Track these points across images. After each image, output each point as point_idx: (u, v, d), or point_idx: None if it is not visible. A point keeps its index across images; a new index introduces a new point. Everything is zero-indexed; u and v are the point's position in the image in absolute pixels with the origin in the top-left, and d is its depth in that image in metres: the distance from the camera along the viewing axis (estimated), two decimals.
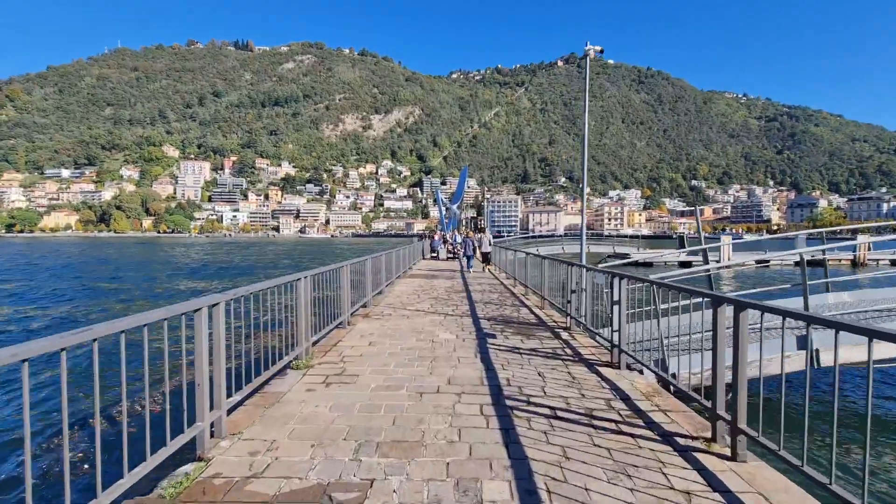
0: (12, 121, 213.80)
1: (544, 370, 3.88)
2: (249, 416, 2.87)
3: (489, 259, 15.29)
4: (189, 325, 2.34)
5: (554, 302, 6.52)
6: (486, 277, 12.43)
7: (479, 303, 7.70)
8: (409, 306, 7.33)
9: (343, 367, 3.97)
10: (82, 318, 12.30)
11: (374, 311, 6.82)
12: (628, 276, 3.88)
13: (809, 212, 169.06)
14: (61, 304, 14.54)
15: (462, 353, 4.41)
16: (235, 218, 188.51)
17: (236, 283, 18.92)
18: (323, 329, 4.80)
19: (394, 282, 10.30)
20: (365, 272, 6.83)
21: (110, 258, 38.07)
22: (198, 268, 28.21)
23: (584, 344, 4.88)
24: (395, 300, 8.00)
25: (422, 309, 7.03)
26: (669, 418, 2.88)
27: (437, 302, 7.77)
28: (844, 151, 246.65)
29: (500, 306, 7.32)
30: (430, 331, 5.45)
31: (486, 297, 8.36)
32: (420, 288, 9.79)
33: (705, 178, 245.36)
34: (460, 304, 7.60)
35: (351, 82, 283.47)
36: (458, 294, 8.80)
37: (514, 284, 10.44)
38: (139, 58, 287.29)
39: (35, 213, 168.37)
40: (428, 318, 6.29)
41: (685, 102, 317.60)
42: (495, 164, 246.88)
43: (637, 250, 23.63)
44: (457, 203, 34.79)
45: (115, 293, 16.88)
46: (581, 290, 5.40)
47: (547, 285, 6.90)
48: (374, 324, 5.88)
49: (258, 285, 3.20)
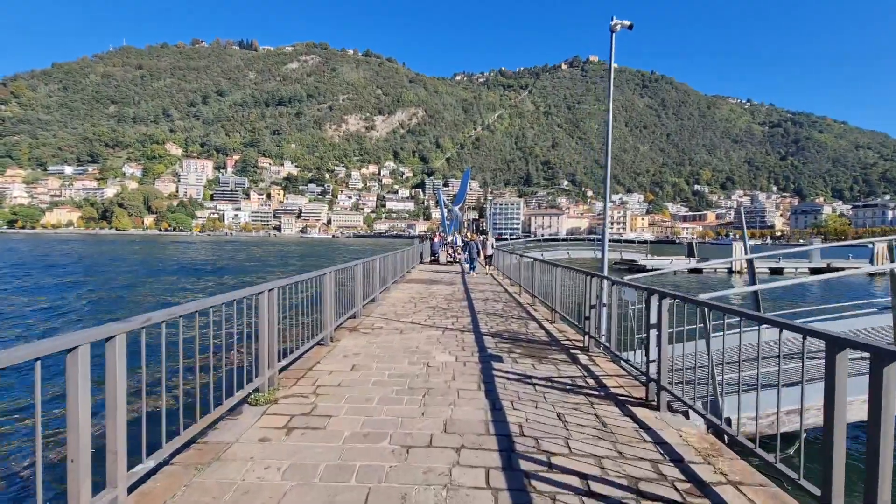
0: (16, 117, 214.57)
1: (565, 410, 3.11)
2: (170, 486, 2.07)
3: (491, 261, 15.55)
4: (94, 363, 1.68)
5: (567, 316, 5.76)
6: (489, 283, 11.67)
7: (482, 314, 6.94)
8: (403, 317, 6.57)
9: (314, 402, 3.20)
10: None
11: (364, 324, 6.06)
12: (671, 293, 3.08)
13: (814, 218, 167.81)
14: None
15: (462, 384, 3.64)
16: (237, 217, 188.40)
17: (208, 290, 17.39)
18: (299, 349, 4.06)
19: (389, 288, 9.54)
20: (354, 279, 6.09)
21: (73, 253, 36.96)
22: (176, 269, 26.14)
23: (608, 371, 4.11)
24: (388, 309, 7.25)
25: (418, 321, 6.28)
26: (747, 499, 2.07)
27: (435, 312, 7.02)
28: (848, 158, 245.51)
29: (506, 319, 6.57)
30: (425, 350, 4.68)
31: (489, 308, 7.61)
32: (418, 295, 9.04)
33: (708, 183, 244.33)
34: (461, 315, 6.85)
35: (355, 83, 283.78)
36: (458, 303, 8.05)
37: (519, 292, 9.67)
38: (144, 56, 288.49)
39: (37, 209, 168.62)
40: (424, 332, 5.54)
41: (689, 107, 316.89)
42: (498, 166, 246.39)
43: (645, 256, 22.75)
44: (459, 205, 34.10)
45: None
46: (602, 305, 4.64)
47: (559, 297, 6.14)
48: (361, 340, 5.12)
49: (209, 300, 2.50)
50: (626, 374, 4.00)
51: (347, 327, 5.77)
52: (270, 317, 3.23)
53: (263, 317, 3.17)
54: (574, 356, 4.58)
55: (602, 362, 4.38)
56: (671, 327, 3.25)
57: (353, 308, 6.15)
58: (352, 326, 5.83)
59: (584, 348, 4.87)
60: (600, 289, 4.66)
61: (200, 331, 2.66)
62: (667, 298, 3.11)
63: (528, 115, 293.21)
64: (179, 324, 2.29)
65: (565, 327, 5.99)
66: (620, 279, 4.07)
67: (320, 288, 4.57)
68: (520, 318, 6.65)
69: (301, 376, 3.77)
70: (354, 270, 6.07)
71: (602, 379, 3.85)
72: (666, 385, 3.10)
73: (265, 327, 3.19)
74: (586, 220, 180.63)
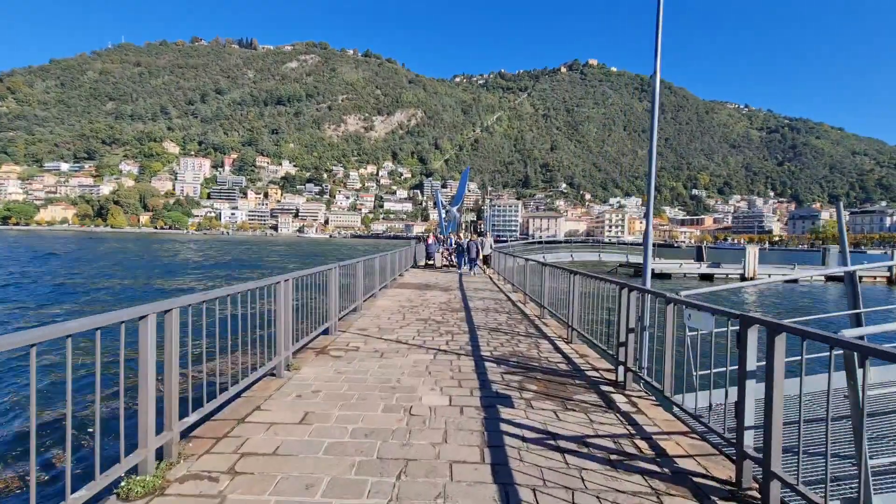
0: (13, 113, 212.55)
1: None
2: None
3: (489, 262, 15.40)
4: None
5: (590, 336, 4.61)
6: (489, 289, 10.55)
7: (483, 329, 5.81)
8: (387, 333, 5.42)
9: (223, 492, 2.01)
10: None
11: (338, 342, 4.90)
12: (790, 326, 1.96)
13: (811, 224, 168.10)
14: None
15: (458, 449, 2.49)
16: (234, 216, 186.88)
17: None
18: (234, 386, 2.89)
19: (376, 294, 8.39)
20: (328, 287, 4.97)
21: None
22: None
23: (661, 424, 2.94)
24: (371, 322, 6.10)
25: (404, 339, 5.14)
26: None
27: (426, 327, 5.87)
28: (845, 164, 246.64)
29: (512, 336, 5.44)
30: (409, 386, 3.53)
31: (491, 321, 6.47)
32: (408, 303, 7.89)
33: (706, 187, 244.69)
34: (458, 330, 5.70)
35: (354, 83, 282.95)
36: (455, 314, 6.90)
37: (524, 301, 8.53)
38: (142, 53, 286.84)
39: (32, 205, 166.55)
40: (411, 356, 4.40)
41: (687, 112, 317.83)
42: (497, 168, 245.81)
43: (654, 260, 21.44)
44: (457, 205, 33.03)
45: None
46: (645, 328, 3.52)
47: (578, 310, 5.02)
48: (327, 368, 3.96)
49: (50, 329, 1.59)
50: (689, 432, 2.84)
51: (315, 347, 4.61)
52: (152, 347, 2.06)
53: (147, 350, 2.03)
54: (608, 397, 3.43)
55: (648, 408, 3.23)
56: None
57: (327, 322, 5.01)
58: (321, 346, 4.68)
59: (619, 384, 3.72)
60: (642, 307, 3.54)
61: None
62: (782, 334, 1.97)
63: (526, 117, 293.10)
64: None
65: (586, 350, 4.86)
66: (680, 296, 2.93)
67: (273, 300, 3.46)
68: (528, 336, 5.52)
69: (223, 435, 2.58)
70: (328, 276, 4.94)
71: (658, 440, 2.69)
72: (782, 474, 1.97)
73: (147, 369, 2.06)
74: (584, 223, 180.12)
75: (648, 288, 3.51)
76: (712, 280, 19.75)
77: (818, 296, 16.72)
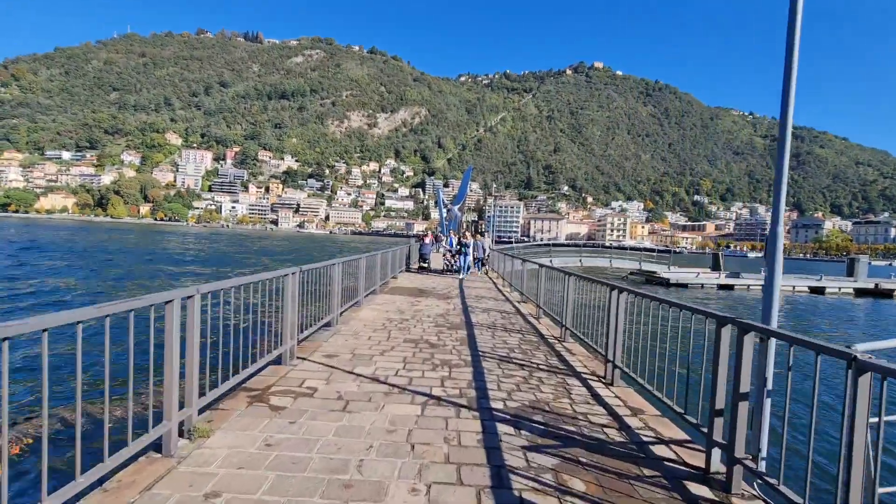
0: (16, 100, 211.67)
1: None
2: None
3: (485, 263, 15.29)
4: None
5: (649, 386, 3.17)
6: (493, 296, 9.22)
7: (491, 358, 4.42)
8: (362, 363, 4.02)
9: None
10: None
11: (289, 379, 3.49)
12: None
13: (815, 233, 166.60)
14: None
15: None
16: (234, 209, 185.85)
17: None
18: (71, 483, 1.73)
19: (361, 302, 7.04)
20: (283, 297, 3.62)
21: None
22: None
23: None
24: (344, 344, 4.70)
25: (384, 374, 3.75)
26: None
27: (416, 353, 4.50)
28: (848, 174, 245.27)
29: (531, 373, 4.02)
30: (375, 482, 2.14)
31: (499, 343, 5.09)
32: (398, 315, 6.53)
33: (708, 193, 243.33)
34: (457, 359, 4.32)
35: (359, 79, 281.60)
36: (454, 333, 5.52)
37: (535, 314, 7.16)
38: (148, 44, 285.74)
39: (32, 193, 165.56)
40: (388, 409, 3.02)
41: (691, 117, 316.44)
42: (499, 168, 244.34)
43: (668, 268, 19.99)
44: (458, 204, 31.83)
45: None
46: (768, 392, 2.29)
47: (622, 341, 3.65)
48: (252, 436, 2.54)
49: None
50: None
51: (253, 389, 3.22)
52: None
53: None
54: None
55: None
56: None
57: (280, 347, 3.66)
58: (262, 387, 3.29)
59: (719, 479, 2.29)
60: (765, 361, 2.25)
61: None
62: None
63: (530, 118, 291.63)
64: None
65: (638, 399, 3.47)
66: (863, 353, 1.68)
67: (173, 323, 2.22)
68: (552, 371, 4.13)
69: None
70: (284, 283, 3.64)
71: None
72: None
73: None
74: (585, 226, 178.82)
75: (777, 330, 2.10)
76: (733, 290, 18.15)
77: (847, 309, 15.22)
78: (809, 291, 17.88)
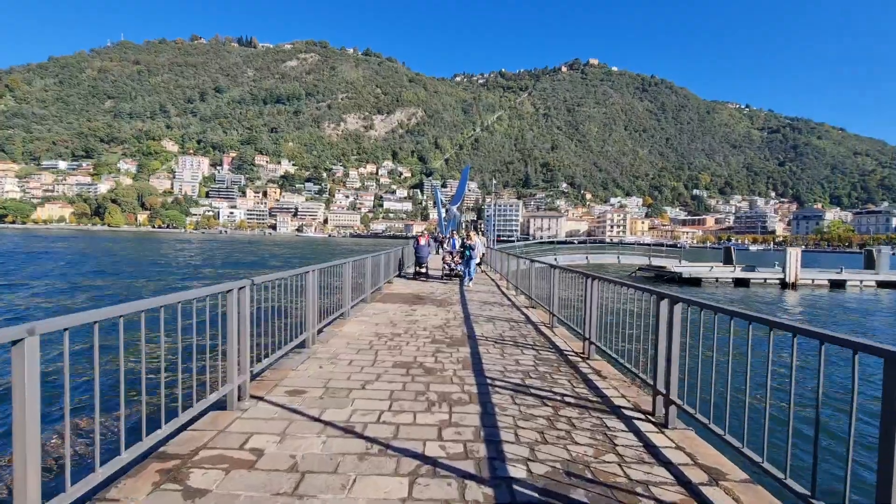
0: (11, 111, 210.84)
1: None
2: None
3: (482, 262, 15.38)
4: None
5: (717, 427, 2.34)
6: (497, 301, 8.34)
7: (504, 389, 3.51)
8: (335, 403, 3.09)
9: None
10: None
11: (229, 435, 2.56)
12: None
13: (815, 224, 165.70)
14: None
15: None
16: (232, 215, 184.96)
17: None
18: None
19: (348, 314, 6.15)
20: (229, 317, 2.76)
21: None
22: None
23: None
24: (317, 374, 3.75)
25: (363, 421, 2.82)
26: None
27: (409, 381, 3.59)
28: (846, 165, 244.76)
29: (556, 410, 3.10)
30: None
31: (511, 365, 4.17)
32: (389, 329, 5.64)
33: (707, 187, 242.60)
34: (459, 392, 3.40)
35: (354, 82, 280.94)
36: (455, 352, 4.60)
37: (548, 322, 6.25)
38: (142, 51, 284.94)
39: (29, 204, 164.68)
40: (363, 483, 2.11)
41: (688, 111, 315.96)
42: (497, 167, 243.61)
43: (678, 262, 19.05)
44: (457, 204, 31.14)
45: None
46: None
47: (676, 365, 2.74)
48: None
49: None
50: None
51: (175, 453, 2.30)
52: None
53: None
54: None
55: None
56: None
57: (225, 385, 2.78)
58: (192, 448, 2.36)
59: None
60: None
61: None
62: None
63: (527, 116, 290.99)
64: None
65: (709, 450, 2.54)
66: None
67: None
68: (581, 404, 3.20)
69: None
70: (229, 300, 2.76)
71: None
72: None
73: None
74: (585, 223, 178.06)
75: None
76: (748, 285, 17.44)
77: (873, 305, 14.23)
78: (829, 285, 17.01)
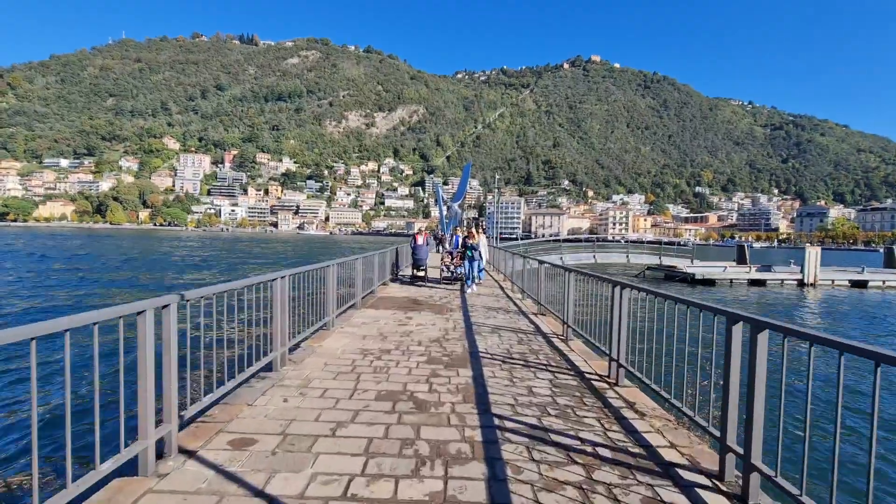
0: (13, 109, 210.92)
1: None
2: None
3: None
4: None
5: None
6: (502, 306, 7.63)
7: (515, 429, 2.78)
8: (285, 471, 2.23)
9: None
10: None
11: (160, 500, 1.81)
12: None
13: (819, 221, 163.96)
14: None
15: None
16: (234, 212, 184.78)
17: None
18: None
19: (332, 324, 5.42)
20: (142, 352, 2.10)
21: None
22: None
23: None
24: (277, 412, 3.00)
25: (323, 495, 2.04)
26: None
27: (395, 423, 2.83)
28: (850, 162, 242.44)
29: (589, 468, 2.35)
30: None
31: (521, 393, 3.44)
32: (378, 343, 4.89)
33: (709, 184, 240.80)
34: (460, 440, 2.63)
35: (355, 79, 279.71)
36: (453, 376, 3.86)
37: (562, 334, 5.53)
38: (143, 49, 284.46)
39: (30, 202, 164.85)
40: None
41: (691, 108, 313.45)
42: (499, 165, 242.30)
43: (690, 262, 18.17)
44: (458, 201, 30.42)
45: None
46: None
47: (760, 416, 1.97)
48: None
49: None
50: None
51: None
52: None
53: None
54: None
55: None
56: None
57: (136, 445, 2.05)
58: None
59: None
60: None
61: None
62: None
63: (529, 114, 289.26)
64: None
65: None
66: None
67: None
68: (620, 460, 2.45)
69: None
70: (141, 323, 2.16)
71: None
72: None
73: None
74: (587, 220, 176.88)
75: None
76: (765, 286, 16.43)
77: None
78: (850, 286, 16.18)
